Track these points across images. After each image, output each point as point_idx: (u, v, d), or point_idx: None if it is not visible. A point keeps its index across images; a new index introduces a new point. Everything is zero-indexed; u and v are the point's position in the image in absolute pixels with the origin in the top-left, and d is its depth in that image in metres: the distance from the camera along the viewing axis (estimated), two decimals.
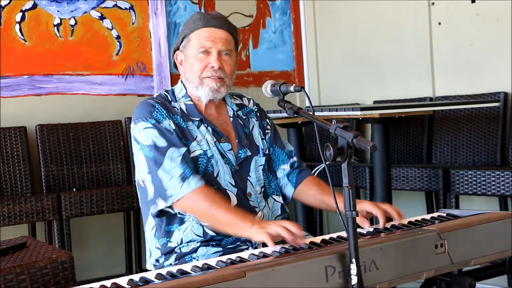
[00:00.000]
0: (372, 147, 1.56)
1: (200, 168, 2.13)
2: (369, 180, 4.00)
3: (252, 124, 2.33)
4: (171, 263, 2.12)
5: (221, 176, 2.15)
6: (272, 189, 2.29)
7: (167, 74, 4.80)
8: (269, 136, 2.36)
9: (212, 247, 2.09)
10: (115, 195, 4.00)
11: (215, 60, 2.16)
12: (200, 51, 2.16)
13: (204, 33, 2.17)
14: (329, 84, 5.34)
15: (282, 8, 5.45)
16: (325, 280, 1.58)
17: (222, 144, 2.19)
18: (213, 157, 2.15)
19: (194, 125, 2.19)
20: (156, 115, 2.14)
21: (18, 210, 3.72)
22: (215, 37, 2.17)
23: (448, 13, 4.34)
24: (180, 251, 2.11)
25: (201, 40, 2.16)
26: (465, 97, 4.18)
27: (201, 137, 2.17)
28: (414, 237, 1.76)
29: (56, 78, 4.43)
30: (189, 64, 2.21)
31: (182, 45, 2.23)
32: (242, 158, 2.22)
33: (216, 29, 2.17)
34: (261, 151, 2.28)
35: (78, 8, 4.52)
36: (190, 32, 2.19)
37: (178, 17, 4.92)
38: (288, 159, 2.36)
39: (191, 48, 2.19)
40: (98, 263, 4.47)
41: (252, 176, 2.22)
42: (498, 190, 3.47)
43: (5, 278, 2.11)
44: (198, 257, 2.08)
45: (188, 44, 2.20)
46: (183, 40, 2.22)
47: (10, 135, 4.13)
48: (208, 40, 2.16)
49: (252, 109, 2.38)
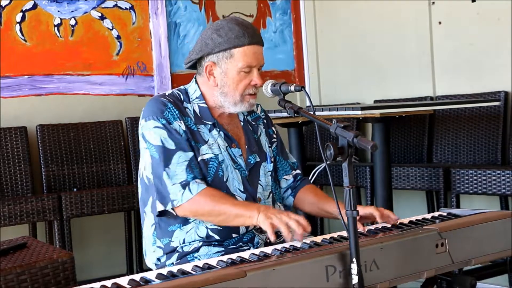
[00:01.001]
0: (372, 147, 1.56)
1: (211, 172, 2.12)
2: (370, 180, 4.00)
3: (260, 131, 2.34)
4: (173, 262, 2.12)
5: (230, 181, 2.15)
6: (277, 196, 2.32)
7: (168, 74, 4.80)
8: (275, 145, 2.37)
9: (214, 247, 2.10)
10: (116, 195, 4.00)
11: (259, 78, 2.13)
12: (245, 69, 2.11)
13: (250, 51, 2.10)
14: (329, 84, 5.34)
15: (282, 7, 5.45)
16: (325, 279, 1.58)
17: (233, 150, 2.19)
18: (224, 162, 2.15)
19: (206, 129, 2.17)
20: (168, 115, 2.11)
21: (19, 210, 3.72)
22: (258, 54, 2.13)
23: (448, 12, 4.34)
24: (182, 251, 2.11)
25: (247, 59, 2.10)
26: (466, 97, 4.18)
27: (213, 141, 2.16)
28: (414, 236, 1.76)
29: (56, 78, 4.43)
30: (229, 80, 2.13)
31: (217, 56, 2.12)
32: (252, 164, 2.22)
33: (258, 46, 2.13)
34: (269, 158, 2.29)
35: (79, 8, 4.52)
36: (234, 47, 2.10)
37: (178, 17, 4.92)
38: (290, 170, 2.38)
39: (233, 64, 2.11)
40: (99, 263, 4.47)
41: (262, 181, 2.23)
42: (498, 189, 3.47)
43: (5, 278, 2.11)
44: (200, 256, 2.09)
45: (229, 59, 2.11)
46: (220, 52, 2.11)
47: (11, 135, 4.13)
48: (254, 58, 2.11)
49: (259, 115, 2.38)
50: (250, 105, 2.18)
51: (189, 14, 4.97)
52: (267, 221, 1.88)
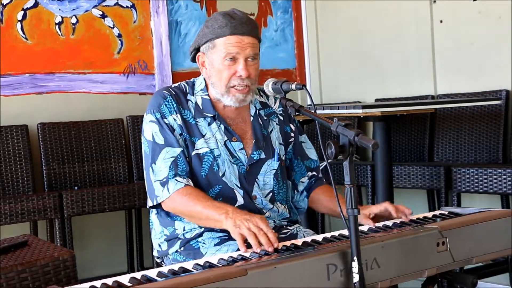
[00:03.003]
0: (373, 145, 1.56)
1: (205, 166, 2.13)
2: (371, 178, 4.00)
3: (272, 127, 2.28)
4: (176, 249, 2.14)
5: (227, 176, 2.14)
6: (280, 196, 2.27)
7: (169, 73, 4.80)
8: (292, 145, 2.33)
9: (216, 232, 2.10)
10: (117, 193, 4.00)
11: (243, 69, 2.09)
12: (227, 58, 2.09)
13: (231, 40, 2.08)
14: (330, 82, 5.33)
15: (283, 6, 5.44)
16: (326, 278, 1.58)
17: (233, 143, 2.17)
18: (220, 157, 2.14)
19: (205, 122, 2.17)
20: (163, 109, 2.13)
21: (20, 208, 3.72)
22: (242, 43, 2.09)
23: (449, 11, 4.33)
24: (184, 237, 2.13)
25: (227, 48, 2.08)
26: (467, 95, 4.17)
27: (210, 135, 2.15)
28: (415, 235, 1.76)
29: (57, 76, 4.43)
30: (214, 70, 2.13)
31: (204, 47, 2.14)
32: (255, 160, 2.19)
33: (244, 36, 2.09)
34: (276, 155, 2.24)
35: (80, 7, 4.52)
36: (215, 38, 2.09)
37: (179, 16, 4.92)
38: (306, 172, 2.34)
39: (216, 54, 2.11)
40: (100, 261, 4.47)
41: (260, 179, 2.20)
42: (500, 188, 3.47)
43: (6, 276, 2.12)
44: (204, 241, 2.10)
45: (212, 49, 2.11)
46: (206, 42, 2.13)
47: (12, 133, 4.13)
48: (235, 47, 2.08)
49: (274, 111, 2.32)
50: (238, 100, 2.13)
51: (190, 13, 4.97)
52: (236, 230, 1.85)
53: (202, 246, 2.09)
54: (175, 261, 2.14)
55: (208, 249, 2.07)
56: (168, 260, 2.20)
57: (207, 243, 2.08)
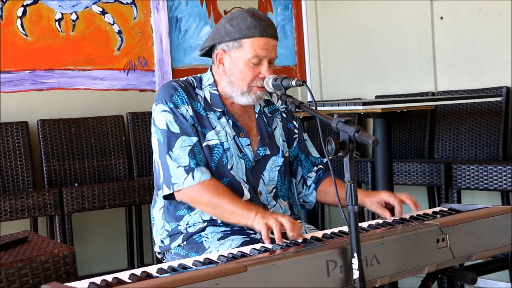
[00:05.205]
0: (374, 141, 1.56)
1: (215, 158, 2.14)
2: (371, 175, 4.00)
3: (276, 124, 2.31)
4: (179, 243, 2.14)
5: (235, 170, 2.16)
6: (282, 193, 2.29)
7: (169, 69, 4.80)
8: (296, 142, 2.36)
9: (219, 227, 2.11)
10: (117, 190, 4.00)
11: (267, 70, 2.12)
12: (253, 60, 2.11)
13: (260, 42, 2.10)
14: (331, 79, 5.33)
15: (284, 2, 5.44)
16: (326, 274, 1.58)
17: (241, 139, 2.19)
18: (229, 150, 2.16)
19: (215, 115, 2.18)
20: (176, 99, 2.14)
21: (20, 205, 3.72)
22: (269, 46, 2.12)
23: (450, 8, 4.33)
24: (187, 232, 2.13)
25: (256, 50, 2.10)
26: (467, 92, 4.17)
27: (220, 128, 2.17)
28: (415, 231, 1.76)
29: (57, 73, 4.43)
30: (237, 69, 2.14)
31: (227, 45, 2.14)
32: (260, 156, 2.22)
33: (270, 39, 2.12)
34: (281, 152, 2.27)
35: (80, 3, 4.51)
36: (243, 38, 2.10)
37: (179, 12, 4.91)
38: (312, 167, 2.36)
39: (242, 54, 2.11)
40: (100, 258, 4.47)
41: (266, 175, 2.22)
42: (500, 185, 3.47)
43: (6, 272, 2.12)
44: (207, 235, 2.10)
45: (238, 48, 2.12)
46: (230, 41, 2.13)
47: (12, 130, 4.13)
48: (264, 50, 2.10)
49: (278, 108, 2.35)
50: (257, 97, 2.16)
51: (190, 9, 4.96)
52: (262, 221, 1.88)
53: (205, 240, 2.10)
54: (177, 255, 2.15)
55: (211, 243, 2.08)
56: (170, 254, 2.21)
57: (210, 237, 2.09)
